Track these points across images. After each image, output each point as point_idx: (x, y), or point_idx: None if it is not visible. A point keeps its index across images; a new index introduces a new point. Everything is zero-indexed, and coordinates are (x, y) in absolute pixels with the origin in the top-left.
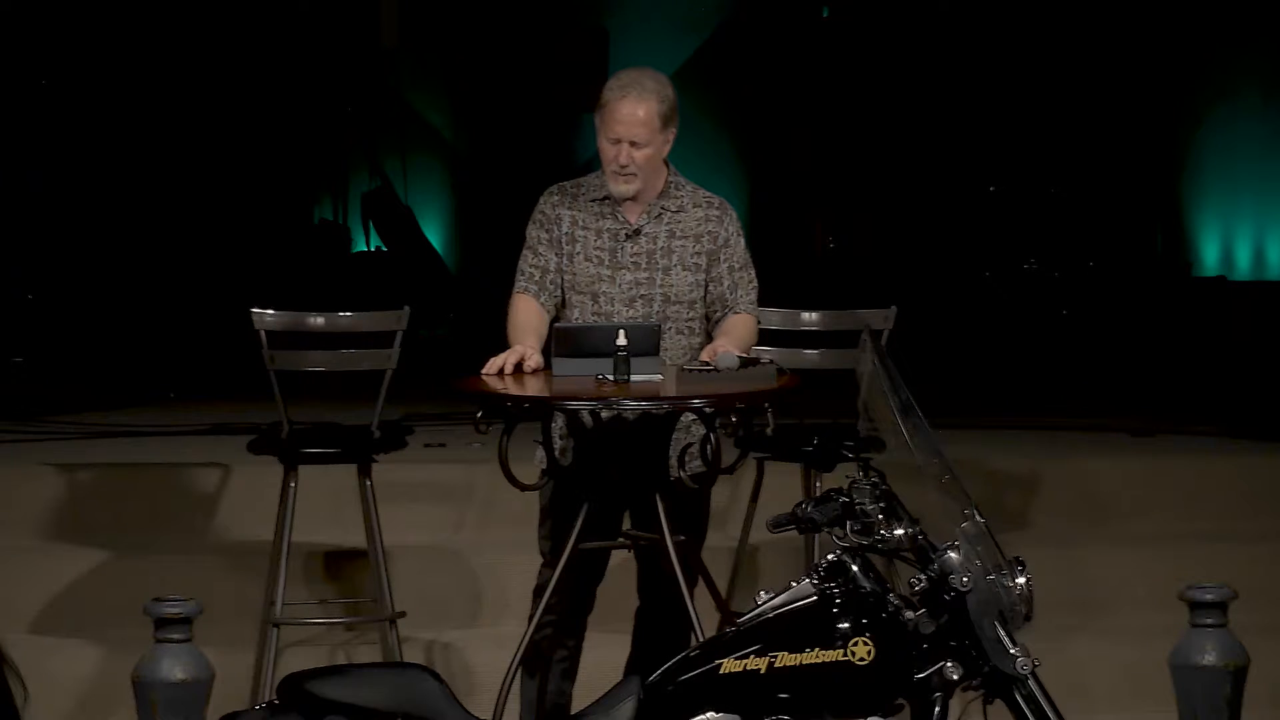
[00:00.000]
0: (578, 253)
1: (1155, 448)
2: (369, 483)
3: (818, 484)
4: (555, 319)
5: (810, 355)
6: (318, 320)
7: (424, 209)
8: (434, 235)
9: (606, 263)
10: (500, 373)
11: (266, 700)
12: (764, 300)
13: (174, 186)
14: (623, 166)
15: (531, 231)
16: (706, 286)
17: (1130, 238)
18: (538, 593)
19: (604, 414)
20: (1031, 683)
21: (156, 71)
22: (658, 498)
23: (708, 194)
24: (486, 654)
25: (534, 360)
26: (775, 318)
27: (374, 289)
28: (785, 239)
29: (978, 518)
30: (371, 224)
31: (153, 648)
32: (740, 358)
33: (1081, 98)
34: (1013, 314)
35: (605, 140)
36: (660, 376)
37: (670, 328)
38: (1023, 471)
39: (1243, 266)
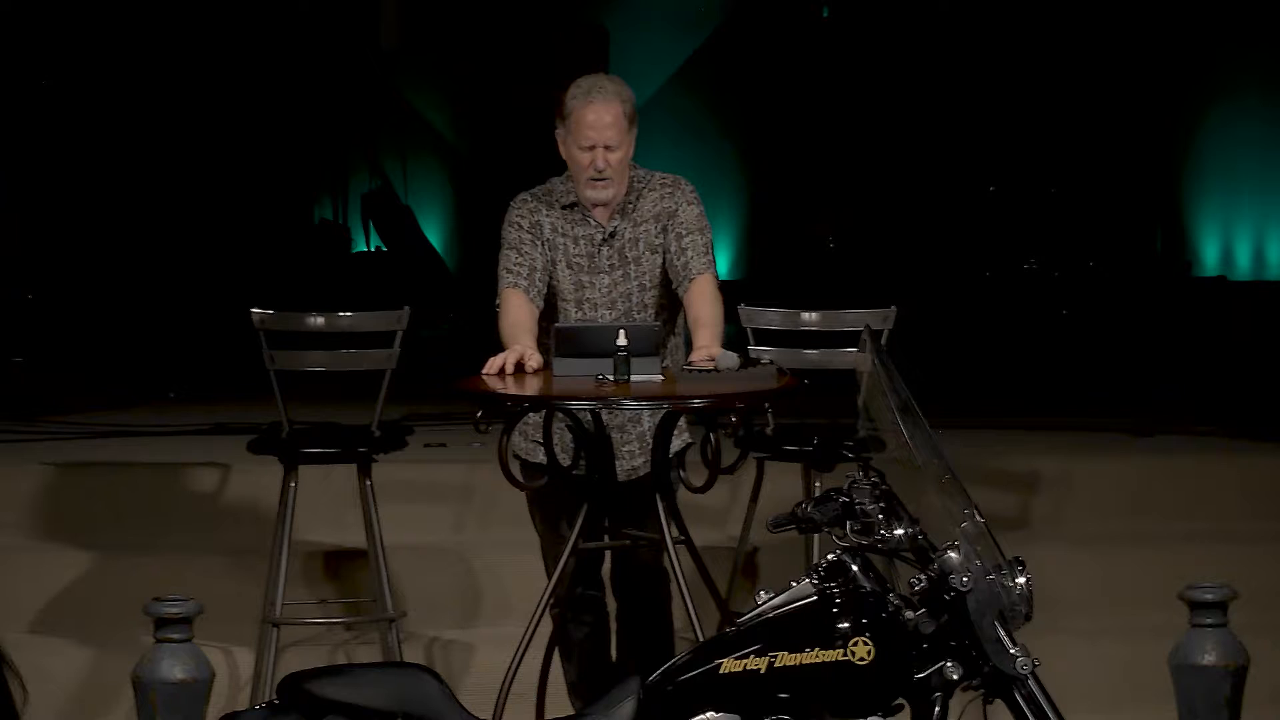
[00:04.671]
0: (559, 260)
1: (1155, 448)
2: (369, 483)
3: (818, 484)
4: (545, 318)
5: (810, 355)
6: (318, 320)
7: (424, 209)
8: (434, 235)
9: (586, 268)
10: (500, 373)
11: (266, 700)
12: (764, 300)
13: (174, 186)
14: (599, 171)
15: (511, 233)
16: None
17: (1130, 238)
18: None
19: (604, 414)
20: (1031, 683)
21: (156, 72)
22: (658, 498)
23: (664, 176)
24: (486, 654)
25: (534, 360)
26: (775, 318)
27: (374, 289)
28: (785, 239)
29: (978, 518)
30: (371, 224)
31: (153, 648)
32: (740, 358)
33: (1081, 97)
34: (1013, 314)
35: (576, 149)
36: (660, 377)
37: (649, 312)
38: (1023, 471)
39: (1243, 266)
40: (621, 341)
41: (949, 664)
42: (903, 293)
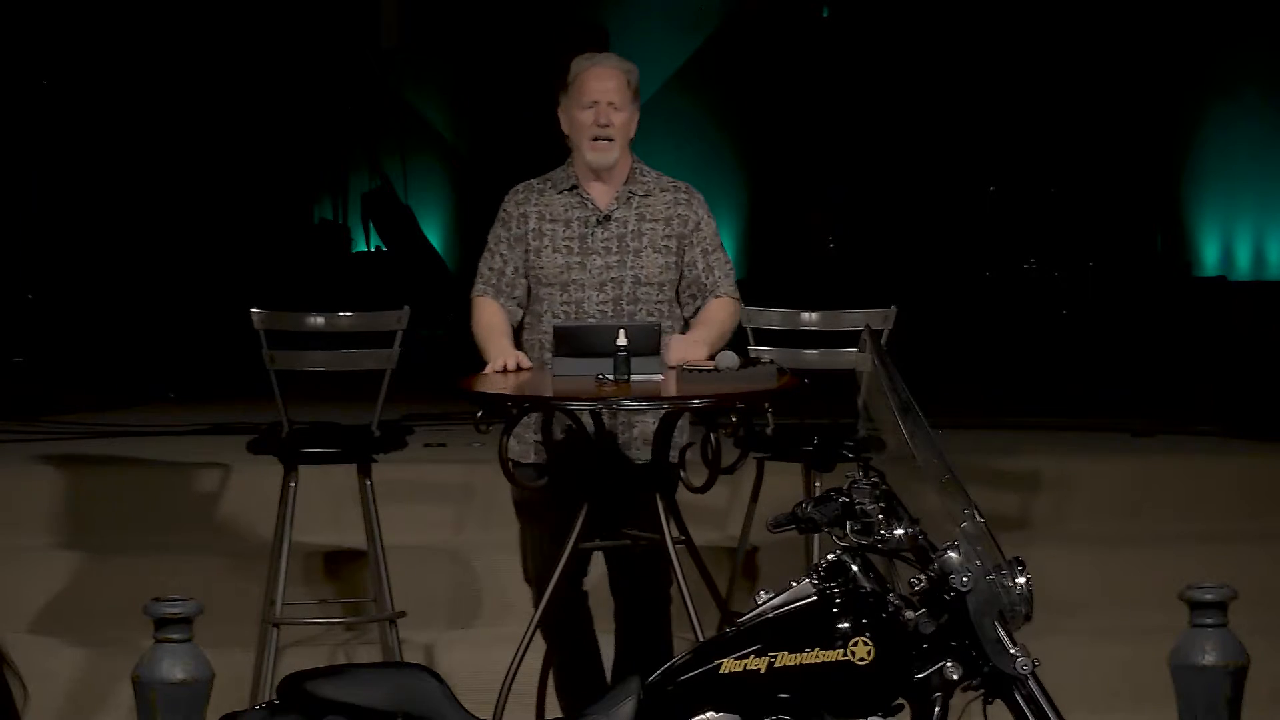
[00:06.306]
0: (545, 246)
1: (1155, 448)
2: (369, 483)
3: (818, 484)
4: (520, 321)
5: (810, 355)
6: (318, 320)
7: (424, 209)
8: (434, 235)
9: (576, 250)
10: (503, 370)
11: (266, 700)
12: (764, 300)
13: (174, 186)
14: (602, 127)
15: (492, 234)
16: (681, 272)
17: (1130, 238)
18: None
19: (604, 414)
20: (1031, 683)
21: (157, 72)
22: (658, 498)
23: (672, 179)
24: (486, 654)
25: (522, 361)
26: (775, 318)
27: (374, 289)
28: (785, 239)
29: (978, 518)
30: (371, 224)
31: (153, 648)
32: (740, 358)
33: (1081, 98)
34: (1013, 314)
35: (579, 109)
36: (660, 376)
37: (640, 309)
38: (1023, 471)
39: (1243, 266)
40: (621, 341)
41: (949, 664)
42: (903, 293)
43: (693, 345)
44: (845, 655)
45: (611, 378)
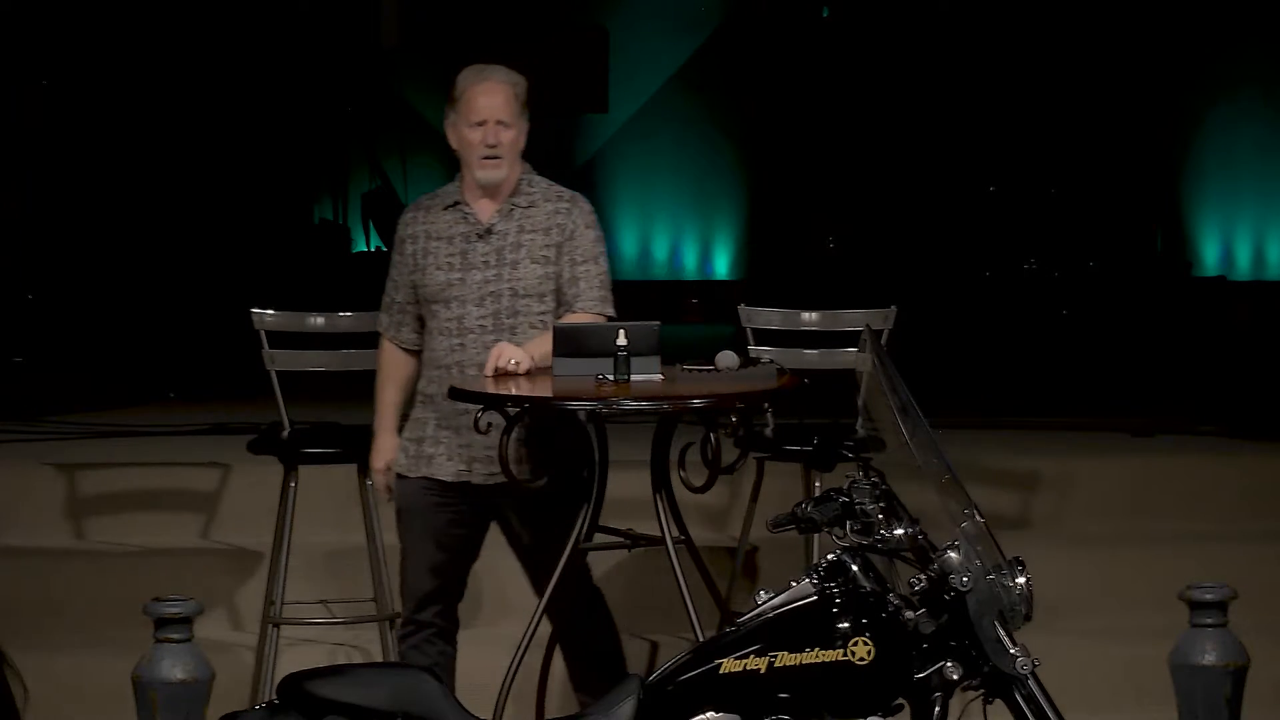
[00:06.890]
0: (429, 264)
1: (1155, 448)
2: (369, 483)
3: (818, 484)
4: (420, 348)
5: (810, 355)
6: (318, 320)
7: None
8: None
9: (458, 266)
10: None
11: (266, 700)
12: (764, 300)
13: (174, 186)
14: (491, 146)
15: (392, 260)
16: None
17: (1130, 238)
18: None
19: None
20: (1031, 683)
21: (156, 72)
22: (658, 497)
23: (560, 189)
24: (486, 654)
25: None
26: (775, 318)
27: (374, 289)
28: (785, 239)
29: (978, 518)
30: (371, 224)
31: (153, 648)
32: (740, 358)
33: (1081, 98)
34: (1013, 314)
35: (468, 127)
36: (660, 376)
37: (522, 322)
38: (1023, 471)
39: (1243, 266)
40: (621, 341)
41: (949, 664)
42: (903, 293)
43: (510, 350)
44: (845, 655)
45: (611, 378)
